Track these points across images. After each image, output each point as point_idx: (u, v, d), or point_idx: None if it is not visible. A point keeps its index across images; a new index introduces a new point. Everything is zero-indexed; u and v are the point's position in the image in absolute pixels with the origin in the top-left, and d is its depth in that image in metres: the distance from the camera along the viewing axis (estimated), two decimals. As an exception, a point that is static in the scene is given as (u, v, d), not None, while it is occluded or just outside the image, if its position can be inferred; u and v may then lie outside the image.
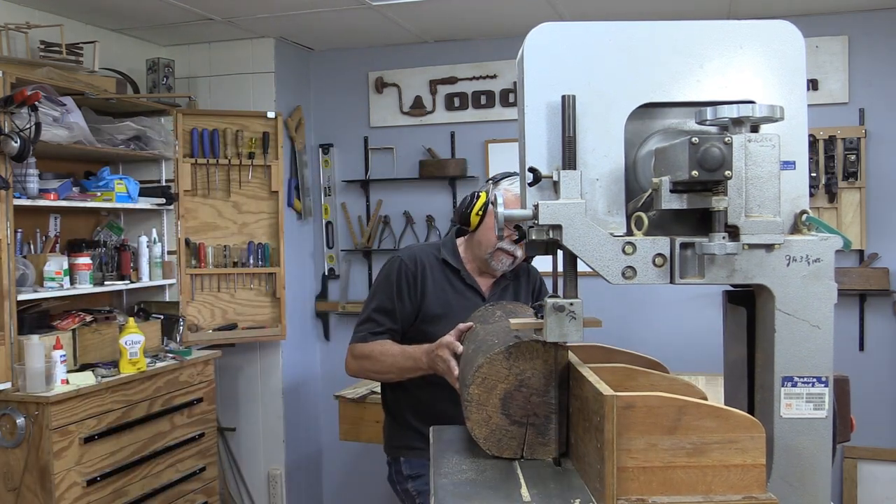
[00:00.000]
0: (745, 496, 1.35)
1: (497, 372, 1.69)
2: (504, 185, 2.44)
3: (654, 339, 4.16)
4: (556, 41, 1.54)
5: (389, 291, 2.47)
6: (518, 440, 1.70)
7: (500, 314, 2.09)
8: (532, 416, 1.69)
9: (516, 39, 1.57)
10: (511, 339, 1.72)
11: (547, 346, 1.67)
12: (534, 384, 1.69)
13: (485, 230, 2.44)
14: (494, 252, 2.45)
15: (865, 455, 4.09)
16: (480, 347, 1.82)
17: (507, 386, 1.69)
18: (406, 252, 2.53)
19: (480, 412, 1.70)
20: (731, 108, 1.40)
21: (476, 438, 1.70)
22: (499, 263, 2.48)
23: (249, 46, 4.51)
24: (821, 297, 1.46)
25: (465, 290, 2.52)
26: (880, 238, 4.05)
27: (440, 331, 2.29)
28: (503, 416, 1.69)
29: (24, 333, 3.15)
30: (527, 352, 1.69)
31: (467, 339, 2.08)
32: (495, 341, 1.77)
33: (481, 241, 2.47)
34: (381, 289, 2.50)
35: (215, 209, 4.25)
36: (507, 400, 1.69)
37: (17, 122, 3.03)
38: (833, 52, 4.07)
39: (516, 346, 1.69)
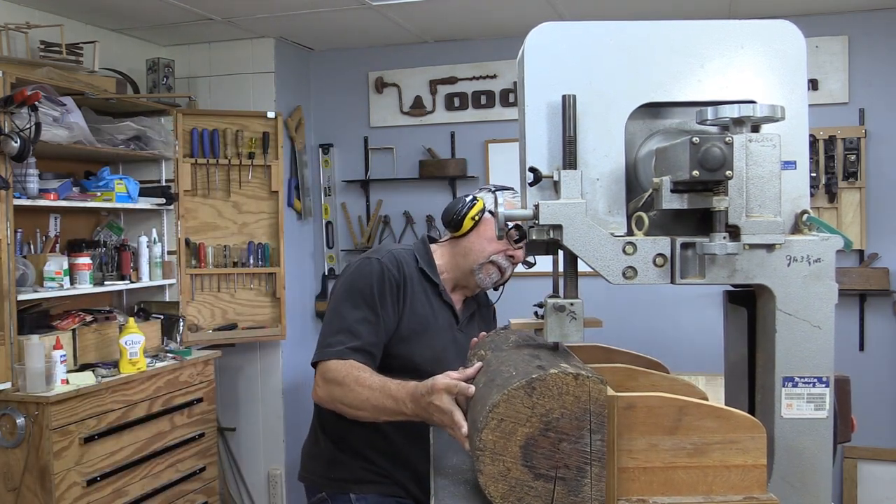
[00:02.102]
0: (745, 496, 1.35)
1: (517, 412, 1.36)
2: (503, 196, 2.20)
3: (655, 339, 4.16)
4: (556, 41, 1.54)
5: (371, 299, 2.04)
6: (544, 498, 1.36)
7: (515, 339, 1.76)
8: (562, 467, 1.36)
9: (516, 39, 1.57)
10: (533, 370, 1.41)
11: (580, 379, 1.36)
12: (563, 427, 1.36)
13: (477, 238, 2.17)
14: (484, 265, 2.18)
15: (865, 455, 4.09)
16: (494, 380, 1.48)
17: (529, 430, 1.36)
18: (385, 255, 2.12)
19: (496, 463, 1.36)
20: (731, 108, 1.40)
21: (490, 497, 1.37)
22: (486, 278, 2.20)
23: (249, 46, 4.51)
24: (822, 297, 1.45)
25: (440, 308, 2.20)
26: (880, 238, 4.05)
27: (412, 352, 2.05)
28: (525, 469, 1.36)
29: (24, 333, 3.15)
30: (554, 386, 1.36)
31: None
32: (513, 373, 1.45)
33: (471, 250, 2.18)
34: (360, 294, 2.05)
35: (215, 209, 4.25)
36: (529, 447, 1.36)
37: (17, 122, 3.03)
38: (833, 52, 4.07)
39: (540, 379, 1.36)
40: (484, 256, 2.18)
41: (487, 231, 2.16)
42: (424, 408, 1.70)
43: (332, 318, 2.06)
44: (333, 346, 1.98)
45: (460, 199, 2.22)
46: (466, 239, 2.19)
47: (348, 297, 2.06)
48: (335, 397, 1.93)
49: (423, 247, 2.22)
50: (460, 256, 2.20)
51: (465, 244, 2.19)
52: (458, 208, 2.18)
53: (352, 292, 2.06)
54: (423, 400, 1.70)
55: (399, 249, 2.16)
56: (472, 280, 2.21)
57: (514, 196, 2.19)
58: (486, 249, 2.17)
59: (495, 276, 2.22)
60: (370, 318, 2.02)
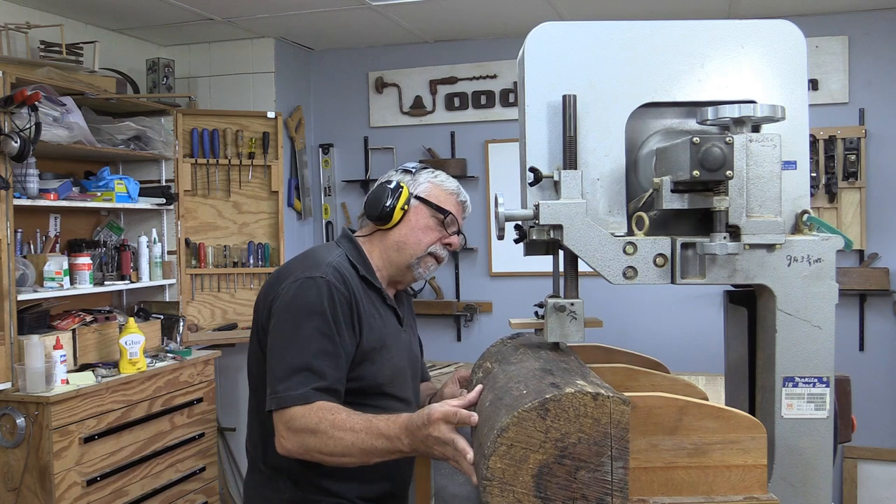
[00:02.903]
0: (746, 497, 1.34)
1: (529, 437, 1.22)
2: (426, 178, 1.96)
3: (655, 339, 4.16)
4: (556, 41, 1.54)
5: (327, 326, 1.73)
6: None
7: (523, 350, 1.60)
8: (579, 498, 1.22)
9: (516, 39, 1.57)
10: (546, 389, 1.27)
11: (599, 399, 1.22)
12: (581, 454, 1.23)
13: (410, 230, 1.92)
14: (423, 258, 1.93)
15: (865, 455, 4.09)
16: (503, 399, 1.34)
17: (543, 457, 1.23)
18: (327, 271, 1.79)
19: (505, 494, 1.22)
20: (732, 108, 1.40)
21: None
22: (425, 271, 1.96)
23: (249, 46, 4.51)
24: (822, 297, 1.45)
25: (387, 315, 1.93)
26: (880, 238, 4.05)
27: (375, 373, 1.82)
28: (538, 500, 1.22)
29: (24, 333, 3.15)
30: (570, 407, 1.22)
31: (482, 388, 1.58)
32: (523, 391, 1.31)
33: (405, 244, 1.92)
34: (313, 323, 1.74)
35: (215, 209, 4.25)
36: (543, 477, 1.23)
37: (17, 122, 3.03)
38: (833, 52, 4.07)
39: (555, 399, 1.22)
40: (422, 249, 1.92)
41: (420, 220, 1.92)
42: (423, 440, 1.52)
43: (284, 355, 1.72)
44: (294, 390, 1.68)
45: (382, 187, 1.93)
46: (397, 231, 1.92)
47: (299, 327, 1.73)
48: (310, 447, 1.66)
49: (355, 248, 1.93)
50: (393, 251, 1.93)
51: (397, 238, 1.92)
52: (385, 199, 1.90)
53: (303, 321, 1.74)
54: (420, 433, 1.52)
55: (335, 259, 1.84)
56: (409, 275, 1.96)
57: (435, 175, 1.98)
58: (423, 241, 1.92)
59: (434, 267, 1.98)
60: (329, 350, 1.72)
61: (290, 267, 1.86)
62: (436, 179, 1.97)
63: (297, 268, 1.82)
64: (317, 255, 1.87)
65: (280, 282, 1.81)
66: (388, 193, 1.90)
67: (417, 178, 1.96)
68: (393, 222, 1.92)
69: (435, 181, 1.96)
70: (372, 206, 1.91)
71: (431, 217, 1.92)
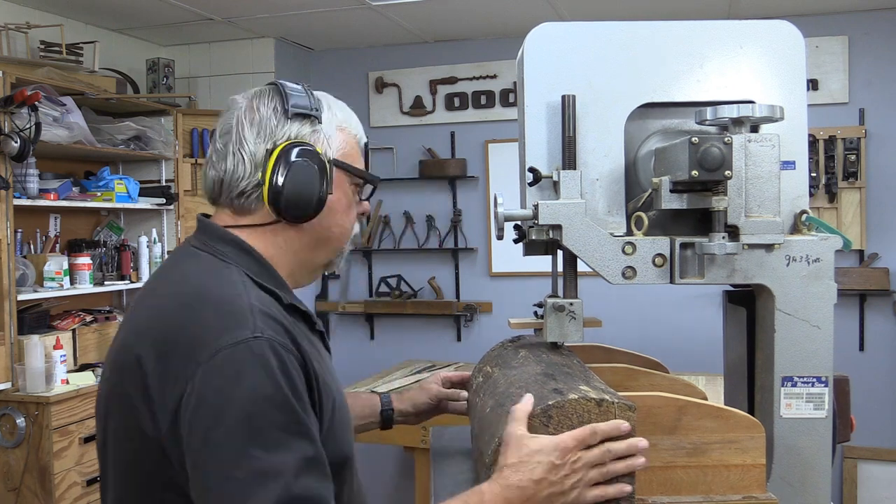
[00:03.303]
0: (745, 496, 1.35)
1: None
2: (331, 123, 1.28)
3: (654, 339, 4.16)
4: (556, 41, 1.54)
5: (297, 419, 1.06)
6: None
7: (525, 354, 1.51)
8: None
9: (516, 39, 1.57)
10: (548, 395, 1.20)
11: (604, 406, 1.17)
12: None
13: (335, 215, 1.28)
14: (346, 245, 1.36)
15: (865, 455, 4.09)
16: (504, 405, 1.25)
17: None
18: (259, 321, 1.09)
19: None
20: (731, 108, 1.40)
21: None
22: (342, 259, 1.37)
23: (249, 46, 4.51)
24: (821, 297, 1.46)
25: (320, 346, 1.29)
26: (880, 238, 4.05)
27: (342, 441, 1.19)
28: None
29: (24, 333, 3.15)
30: (573, 414, 1.16)
31: (482, 392, 1.45)
32: (523, 393, 1.24)
33: (331, 236, 1.30)
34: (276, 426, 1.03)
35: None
36: None
37: (17, 122, 3.03)
38: (833, 52, 4.07)
39: (558, 406, 1.17)
40: (347, 236, 1.34)
41: (342, 196, 1.29)
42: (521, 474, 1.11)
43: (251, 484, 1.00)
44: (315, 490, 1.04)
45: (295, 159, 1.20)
46: (318, 222, 1.26)
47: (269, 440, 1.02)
48: None
49: (254, 260, 1.23)
50: (309, 250, 1.29)
51: (319, 230, 1.27)
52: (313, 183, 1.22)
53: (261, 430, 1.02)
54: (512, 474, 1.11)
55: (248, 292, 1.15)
56: (321, 269, 1.36)
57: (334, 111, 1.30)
58: (348, 225, 1.33)
59: None
60: (309, 455, 1.05)
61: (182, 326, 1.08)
62: (348, 125, 1.31)
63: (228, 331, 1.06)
64: (210, 290, 1.14)
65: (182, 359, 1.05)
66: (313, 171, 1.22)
67: (321, 126, 1.27)
68: None
69: (348, 130, 1.31)
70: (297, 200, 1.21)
71: (350, 185, 1.31)
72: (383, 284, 4.75)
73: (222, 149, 1.25)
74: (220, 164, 1.25)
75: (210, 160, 1.28)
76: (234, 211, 1.27)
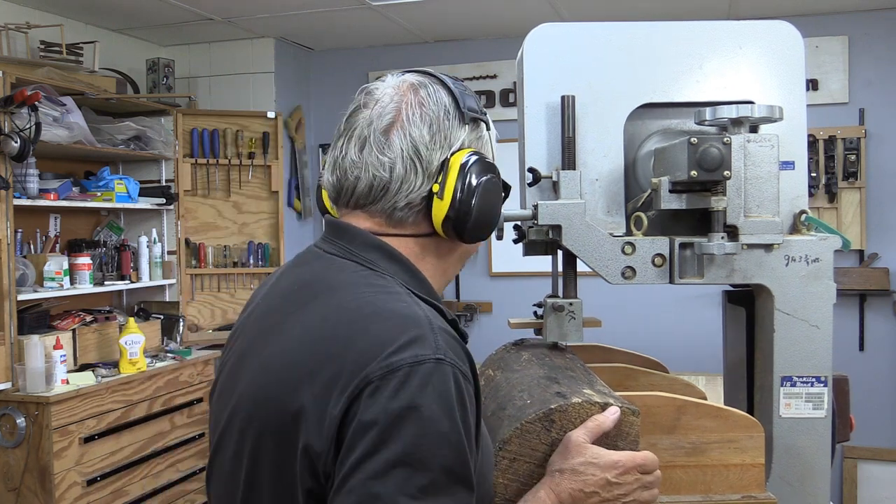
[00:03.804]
0: (744, 496, 1.35)
1: (533, 449, 1.12)
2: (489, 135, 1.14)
3: (654, 339, 4.16)
4: (555, 41, 1.54)
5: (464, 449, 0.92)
6: None
7: (527, 356, 1.48)
8: None
9: (516, 39, 1.58)
10: (551, 398, 1.17)
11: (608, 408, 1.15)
12: None
13: None
14: None
15: (865, 455, 4.09)
16: (505, 409, 1.22)
17: None
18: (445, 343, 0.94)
19: None
20: (730, 109, 1.41)
21: None
22: None
23: (249, 46, 4.51)
24: (820, 296, 1.46)
25: None
26: (880, 238, 4.05)
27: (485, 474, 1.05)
28: None
29: (24, 333, 3.15)
30: (577, 418, 1.13)
31: (483, 396, 1.26)
32: (527, 400, 1.21)
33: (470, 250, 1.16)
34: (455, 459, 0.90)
35: (215, 209, 4.25)
36: None
37: (17, 122, 3.03)
38: (833, 52, 4.07)
39: (560, 409, 1.13)
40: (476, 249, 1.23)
41: None
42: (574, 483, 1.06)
43: None
44: None
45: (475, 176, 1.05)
46: None
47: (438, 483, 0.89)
48: None
49: (411, 275, 1.06)
50: (455, 264, 1.15)
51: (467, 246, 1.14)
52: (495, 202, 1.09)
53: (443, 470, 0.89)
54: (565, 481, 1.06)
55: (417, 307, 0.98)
56: None
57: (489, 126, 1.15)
58: None
59: None
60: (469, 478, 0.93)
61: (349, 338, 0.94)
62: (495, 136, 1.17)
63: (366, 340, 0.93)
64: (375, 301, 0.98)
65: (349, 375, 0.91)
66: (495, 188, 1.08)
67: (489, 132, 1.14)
68: None
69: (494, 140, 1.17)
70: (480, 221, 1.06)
71: None
72: (383, 284, 4.75)
73: (387, 149, 1.03)
74: (384, 166, 1.03)
75: (363, 159, 1.05)
76: (387, 221, 1.06)
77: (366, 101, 1.09)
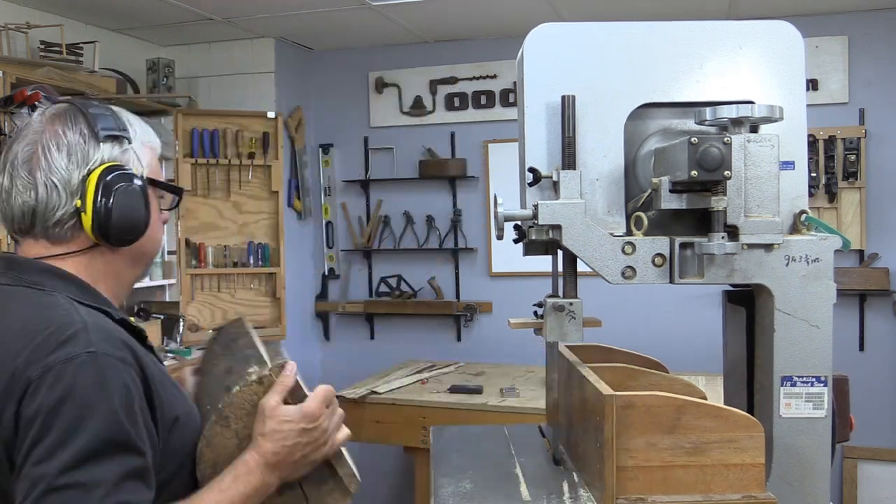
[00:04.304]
0: (744, 495, 1.35)
1: (226, 445, 1.22)
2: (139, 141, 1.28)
3: (654, 339, 4.16)
4: (555, 41, 1.54)
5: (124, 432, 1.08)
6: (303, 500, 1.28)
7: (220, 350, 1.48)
8: None
9: (516, 39, 1.58)
10: (221, 396, 1.25)
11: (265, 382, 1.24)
12: None
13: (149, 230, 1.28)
14: None
15: (865, 455, 4.09)
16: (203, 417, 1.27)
17: None
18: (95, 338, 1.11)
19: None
20: (730, 109, 1.41)
21: None
22: None
23: (249, 46, 4.51)
24: (820, 296, 1.46)
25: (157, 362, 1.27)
26: (880, 238, 4.05)
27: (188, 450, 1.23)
28: None
29: (24, 333, 3.15)
30: (246, 402, 1.23)
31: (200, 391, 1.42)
32: (207, 406, 1.27)
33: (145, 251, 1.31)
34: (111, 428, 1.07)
35: (215, 209, 4.25)
36: None
37: (17, 122, 3.03)
38: (833, 52, 4.07)
39: (228, 404, 1.23)
40: (160, 245, 1.37)
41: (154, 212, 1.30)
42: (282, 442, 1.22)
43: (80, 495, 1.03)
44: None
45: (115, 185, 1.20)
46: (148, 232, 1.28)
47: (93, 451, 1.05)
48: None
49: (76, 286, 1.21)
50: (128, 267, 1.29)
51: (138, 247, 1.27)
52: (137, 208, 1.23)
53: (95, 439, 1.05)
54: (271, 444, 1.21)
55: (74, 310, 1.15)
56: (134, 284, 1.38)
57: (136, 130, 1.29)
58: (159, 237, 1.35)
59: None
60: (139, 466, 1.09)
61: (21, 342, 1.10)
62: (150, 141, 1.32)
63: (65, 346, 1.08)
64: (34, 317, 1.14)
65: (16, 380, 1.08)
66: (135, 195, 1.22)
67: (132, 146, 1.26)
68: None
69: (151, 146, 1.32)
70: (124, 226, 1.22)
71: (157, 199, 1.32)
72: (383, 284, 4.76)
73: (28, 176, 1.19)
74: (28, 192, 1.19)
75: (13, 189, 1.20)
76: (49, 241, 1.22)
77: (17, 135, 1.24)
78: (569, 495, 1.52)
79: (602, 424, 1.36)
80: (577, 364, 1.67)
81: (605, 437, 1.35)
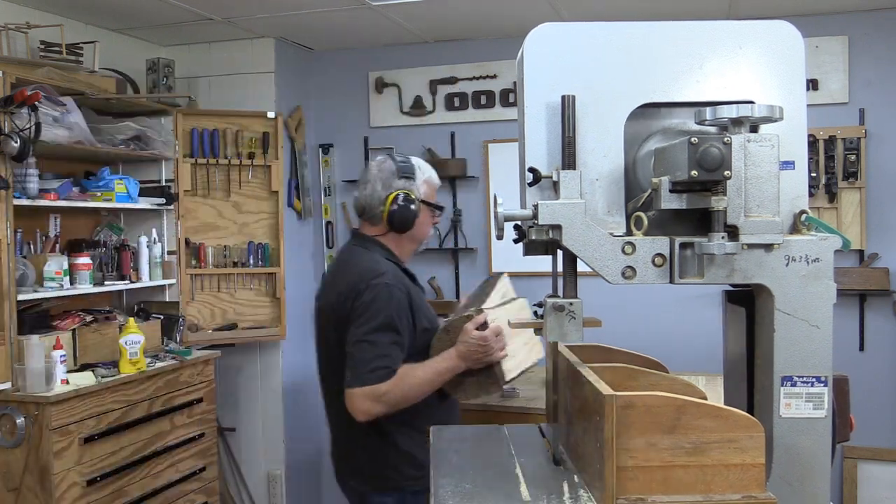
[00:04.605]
0: (744, 495, 1.35)
1: (450, 342, 2.38)
2: (421, 179, 2.52)
3: (654, 339, 4.16)
4: (556, 41, 1.54)
5: (397, 325, 2.34)
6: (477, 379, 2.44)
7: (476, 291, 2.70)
8: None
9: (516, 39, 1.58)
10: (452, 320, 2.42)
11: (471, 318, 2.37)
12: None
13: (420, 227, 2.51)
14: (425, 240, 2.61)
15: (865, 455, 4.09)
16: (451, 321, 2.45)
17: None
18: (389, 276, 2.38)
19: None
20: (730, 109, 1.41)
21: None
22: (421, 248, 2.64)
23: (249, 46, 4.51)
24: (820, 296, 1.46)
25: (420, 292, 2.55)
26: (880, 238, 4.05)
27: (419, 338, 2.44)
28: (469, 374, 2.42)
29: (24, 333, 3.15)
30: (460, 324, 2.37)
31: None
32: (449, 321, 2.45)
33: (416, 237, 2.55)
34: (388, 324, 2.32)
35: (215, 209, 4.25)
36: None
37: (17, 122, 3.03)
38: (833, 52, 4.07)
39: (450, 324, 2.40)
40: (426, 236, 2.60)
41: (424, 218, 2.53)
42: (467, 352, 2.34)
43: (369, 347, 2.31)
44: (377, 371, 2.29)
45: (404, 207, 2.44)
46: (412, 231, 2.50)
47: (379, 327, 2.31)
48: (396, 402, 2.30)
49: (383, 249, 2.50)
50: (408, 244, 2.56)
51: (411, 235, 2.53)
52: (408, 214, 2.44)
53: (381, 322, 2.32)
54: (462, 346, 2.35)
55: (382, 262, 2.43)
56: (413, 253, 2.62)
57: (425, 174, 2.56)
58: (427, 231, 2.58)
59: None
60: (398, 341, 2.34)
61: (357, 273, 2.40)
62: (430, 179, 2.56)
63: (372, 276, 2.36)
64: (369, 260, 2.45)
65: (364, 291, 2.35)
66: (408, 208, 2.44)
67: (416, 182, 2.49)
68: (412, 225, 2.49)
69: (429, 182, 2.56)
70: (400, 222, 2.45)
71: (429, 211, 2.56)
72: (383, 284, 4.75)
73: (364, 188, 2.51)
74: (363, 196, 2.52)
75: (361, 195, 2.53)
76: (371, 224, 2.54)
77: (367, 170, 2.57)
78: (569, 495, 1.51)
79: (602, 424, 1.36)
80: (577, 364, 1.67)
81: (605, 437, 1.35)
